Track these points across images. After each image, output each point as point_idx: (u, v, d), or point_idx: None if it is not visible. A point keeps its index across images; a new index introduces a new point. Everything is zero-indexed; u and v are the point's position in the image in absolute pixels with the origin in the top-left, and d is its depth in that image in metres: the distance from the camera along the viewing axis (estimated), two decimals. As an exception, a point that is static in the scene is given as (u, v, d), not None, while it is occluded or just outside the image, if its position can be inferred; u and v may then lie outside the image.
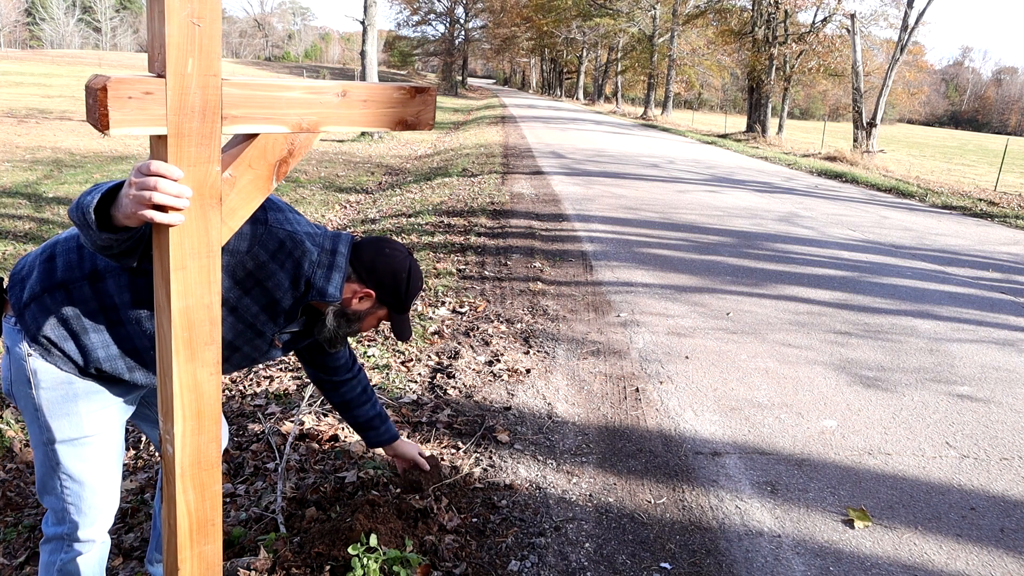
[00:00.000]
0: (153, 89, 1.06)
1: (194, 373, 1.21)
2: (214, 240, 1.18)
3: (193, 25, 1.05)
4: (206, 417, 1.25)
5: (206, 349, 1.22)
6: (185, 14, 1.04)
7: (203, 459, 1.26)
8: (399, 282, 1.71)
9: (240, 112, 1.17)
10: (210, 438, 1.26)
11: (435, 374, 3.67)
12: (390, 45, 71.04)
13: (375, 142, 16.98)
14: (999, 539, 2.51)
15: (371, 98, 1.31)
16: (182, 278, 1.16)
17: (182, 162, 1.12)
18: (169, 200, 1.08)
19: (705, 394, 3.58)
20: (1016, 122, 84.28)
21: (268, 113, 1.20)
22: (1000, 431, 3.35)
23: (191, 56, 1.07)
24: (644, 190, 10.44)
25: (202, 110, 1.11)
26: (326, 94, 1.26)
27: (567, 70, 64.10)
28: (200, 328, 1.20)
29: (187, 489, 1.25)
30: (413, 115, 1.36)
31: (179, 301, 1.17)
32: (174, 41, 1.05)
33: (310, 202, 9.21)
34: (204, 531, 1.30)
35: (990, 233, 9.04)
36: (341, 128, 1.31)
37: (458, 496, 2.58)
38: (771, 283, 5.74)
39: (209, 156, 1.14)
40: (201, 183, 1.14)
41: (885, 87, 19.08)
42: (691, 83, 40.76)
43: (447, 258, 5.98)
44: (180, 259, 1.15)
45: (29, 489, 2.68)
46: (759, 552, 2.36)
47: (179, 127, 1.10)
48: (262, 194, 1.27)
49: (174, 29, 1.04)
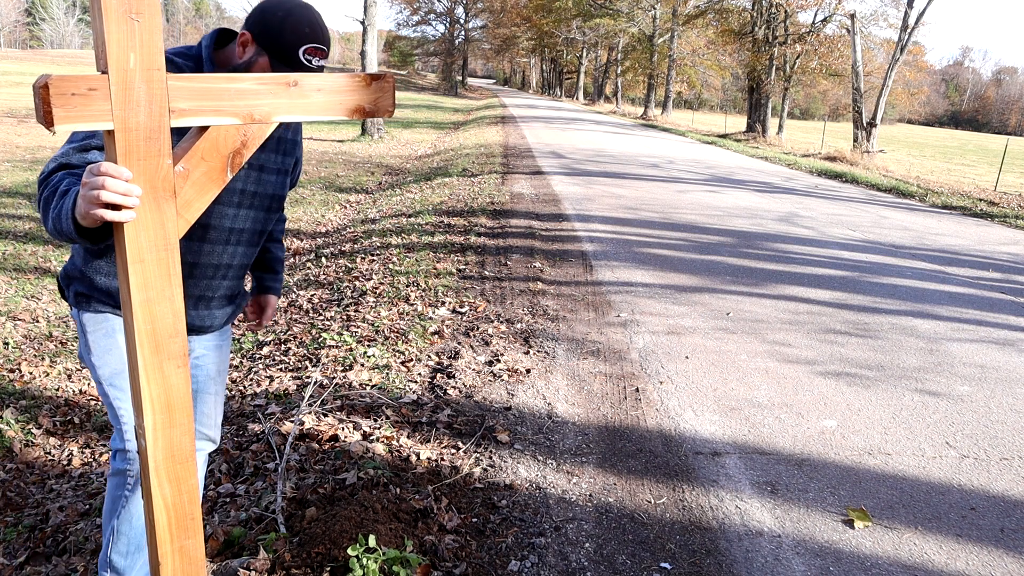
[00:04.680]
0: (97, 85, 1.08)
1: (160, 366, 1.22)
2: (170, 233, 1.20)
3: (132, 20, 1.07)
4: (177, 410, 1.25)
5: (171, 341, 1.23)
6: (123, 10, 1.06)
7: (177, 453, 1.27)
8: (269, 16, 1.59)
9: (188, 105, 1.18)
10: (183, 431, 1.27)
11: (435, 374, 3.67)
12: (390, 45, 71.02)
13: (375, 142, 16.98)
14: (999, 539, 2.51)
15: (324, 87, 1.32)
16: (140, 271, 1.18)
17: (132, 156, 1.13)
18: (118, 198, 1.11)
19: (705, 394, 3.58)
20: (1016, 122, 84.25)
21: (217, 105, 1.21)
22: (1000, 431, 3.35)
23: (132, 51, 1.09)
24: (644, 190, 10.44)
25: (148, 104, 1.12)
26: (277, 84, 1.27)
27: (567, 70, 64.09)
28: (163, 320, 1.21)
29: (162, 483, 1.26)
30: (370, 102, 1.37)
31: (139, 294, 1.18)
32: (114, 37, 1.07)
33: (310, 202, 9.21)
34: (184, 525, 1.30)
35: (990, 233, 9.04)
36: (296, 118, 1.31)
37: (458, 496, 2.58)
38: (771, 283, 5.74)
39: (159, 150, 1.15)
40: (153, 177, 1.16)
41: (885, 87, 19.07)
42: (691, 83, 40.76)
43: (447, 258, 5.98)
44: (137, 253, 1.17)
45: (29, 489, 2.68)
46: (759, 552, 2.36)
47: (126, 122, 1.12)
48: (217, 186, 1.28)
49: (112, 25, 1.06)
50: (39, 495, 2.65)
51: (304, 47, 1.60)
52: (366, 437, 2.96)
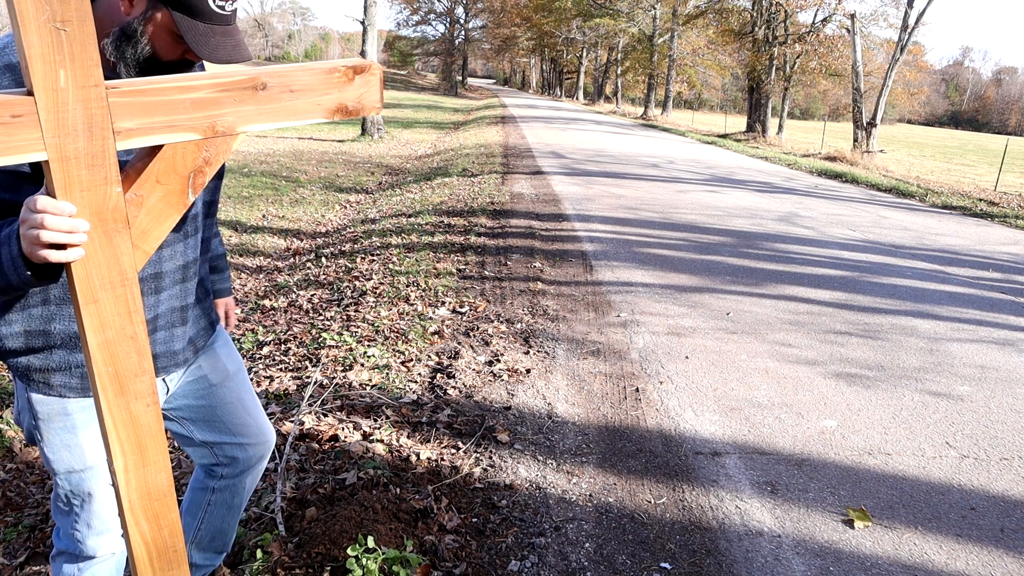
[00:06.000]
0: (22, 111, 0.91)
1: (126, 407, 1.11)
2: (127, 267, 1.06)
3: (57, 31, 0.90)
4: (149, 449, 1.15)
5: (137, 381, 1.11)
6: (44, 18, 0.88)
7: (153, 490, 1.17)
8: None
9: (136, 123, 1.01)
10: (158, 469, 1.16)
11: (435, 374, 3.67)
12: (390, 45, 71.02)
13: (375, 142, 16.98)
14: (999, 539, 2.51)
15: (299, 87, 1.13)
16: (96, 312, 1.04)
17: (73, 188, 0.98)
18: (61, 237, 0.97)
19: (705, 394, 3.58)
20: (1016, 122, 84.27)
21: (171, 120, 1.04)
22: (1000, 431, 3.35)
23: (62, 67, 0.92)
24: (644, 190, 10.44)
25: (87, 127, 0.96)
26: (242, 89, 1.08)
27: (567, 70, 64.10)
28: (126, 361, 1.09)
29: (139, 521, 1.18)
30: (355, 99, 1.19)
31: (96, 336, 1.05)
32: (37, 52, 0.89)
33: (310, 202, 9.21)
34: (165, 559, 1.23)
35: (990, 233, 9.04)
36: (266, 125, 1.12)
37: (458, 496, 2.58)
38: (771, 283, 5.74)
39: (105, 178, 1.00)
40: (101, 208, 1.01)
41: (885, 87, 19.07)
42: (691, 83, 40.77)
43: (447, 258, 5.98)
44: (90, 292, 1.04)
45: (29, 489, 2.68)
46: (759, 552, 2.36)
47: (62, 150, 0.95)
48: (177, 211, 1.13)
49: (34, 38, 0.89)
50: (39, 495, 2.65)
51: None
52: (366, 437, 2.96)
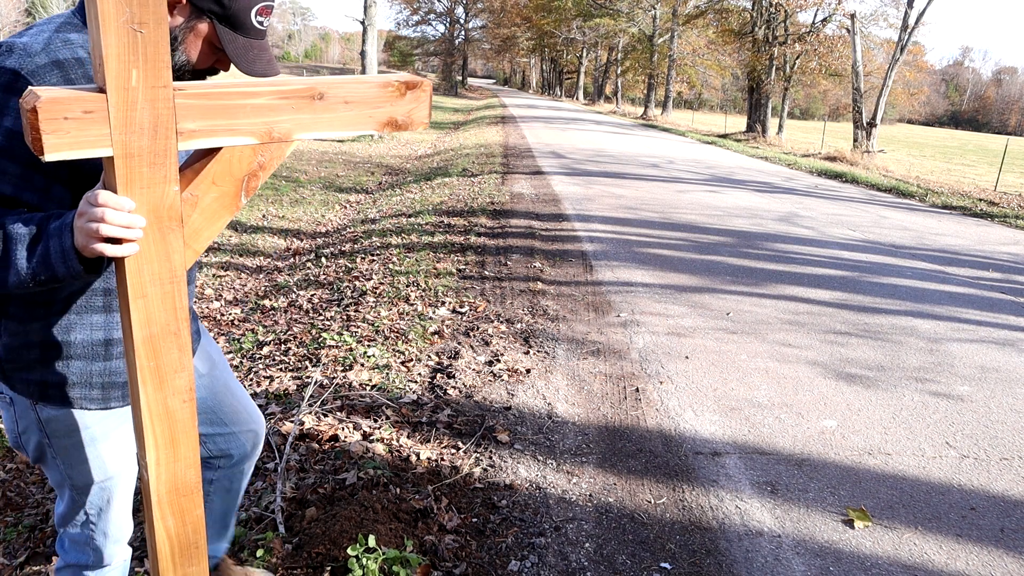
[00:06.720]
0: (93, 107, 0.95)
1: (164, 402, 1.15)
2: (177, 265, 1.10)
3: (134, 32, 0.94)
4: (181, 444, 1.18)
5: (176, 377, 1.14)
6: (123, 20, 0.92)
7: (181, 486, 1.21)
8: None
9: (198, 126, 1.05)
10: (187, 464, 1.20)
11: (435, 374, 3.67)
12: (390, 45, 71.02)
13: (375, 142, 16.98)
14: (999, 539, 2.51)
15: (354, 98, 1.16)
16: (143, 307, 1.08)
17: (134, 184, 1.02)
18: (119, 232, 1.01)
19: (705, 394, 3.58)
20: (1016, 122, 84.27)
21: (231, 124, 1.07)
22: (1000, 431, 3.35)
23: (135, 67, 0.96)
24: (644, 190, 10.44)
25: (152, 127, 1.00)
26: (300, 98, 1.12)
27: (567, 70, 64.09)
28: (167, 356, 1.12)
29: (165, 516, 1.21)
30: (404, 114, 1.22)
31: (141, 330, 1.09)
32: (113, 52, 0.93)
33: (310, 202, 9.21)
34: (187, 554, 1.25)
35: (990, 233, 9.04)
36: (320, 134, 1.16)
37: (458, 496, 2.58)
38: (771, 283, 5.74)
39: (165, 176, 1.04)
40: (158, 205, 1.05)
41: (885, 87, 19.07)
42: (692, 83, 40.76)
43: (447, 258, 5.98)
44: (140, 287, 1.07)
45: (29, 489, 2.68)
46: (759, 552, 2.36)
47: (127, 147, 0.99)
48: (229, 212, 1.16)
49: (112, 38, 0.93)
50: (39, 495, 2.65)
51: (258, 6, 1.32)
52: (366, 437, 2.96)
